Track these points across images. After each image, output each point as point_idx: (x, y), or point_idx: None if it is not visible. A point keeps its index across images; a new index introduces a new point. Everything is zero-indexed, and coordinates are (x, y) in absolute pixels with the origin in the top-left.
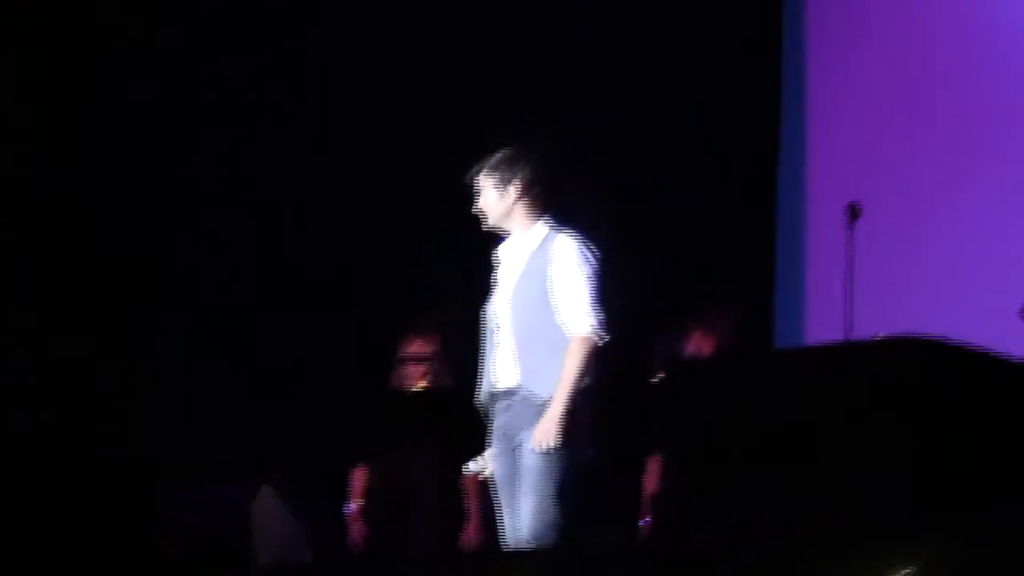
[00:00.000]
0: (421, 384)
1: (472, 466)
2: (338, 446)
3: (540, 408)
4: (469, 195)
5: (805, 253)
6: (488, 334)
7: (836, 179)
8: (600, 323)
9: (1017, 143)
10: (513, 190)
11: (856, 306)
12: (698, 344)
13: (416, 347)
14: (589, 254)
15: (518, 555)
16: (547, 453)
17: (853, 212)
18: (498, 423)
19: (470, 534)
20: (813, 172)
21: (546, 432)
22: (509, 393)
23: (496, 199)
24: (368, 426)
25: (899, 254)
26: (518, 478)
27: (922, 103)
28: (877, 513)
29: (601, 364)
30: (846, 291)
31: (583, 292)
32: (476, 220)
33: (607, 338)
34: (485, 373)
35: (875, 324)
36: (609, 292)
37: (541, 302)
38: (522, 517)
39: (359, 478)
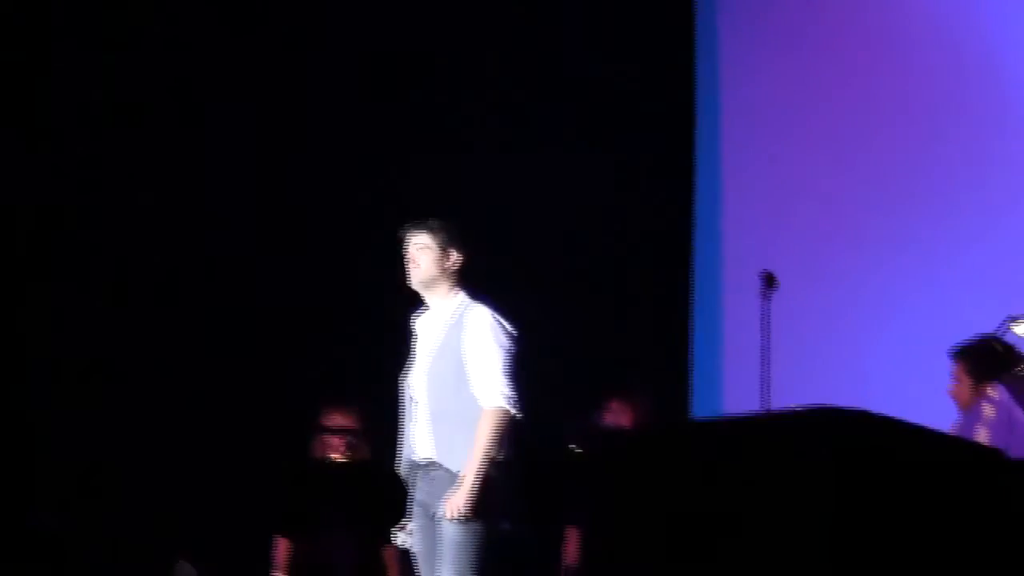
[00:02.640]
0: (339, 456)
1: (397, 539)
2: (257, 518)
3: (456, 480)
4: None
5: (723, 322)
6: (406, 405)
7: (752, 247)
8: (512, 395)
9: (934, 215)
10: (454, 255)
11: (773, 376)
12: (616, 416)
13: (335, 419)
14: (503, 327)
15: None
16: (464, 525)
17: (769, 281)
18: (418, 496)
19: None
20: (728, 241)
21: (456, 502)
22: (427, 466)
23: (432, 261)
24: (288, 497)
25: (816, 324)
26: (437, 551)
27: (840, 170)
28: None
29: (515, 436)
30: (762, 361)
31: (496, 364)
32: (389, 293)
33: (518, 411)
34: (404, 444)
35: (794, 394)
36: (523, 365)
37: (456, 375)
38: None
39: (282, 549)
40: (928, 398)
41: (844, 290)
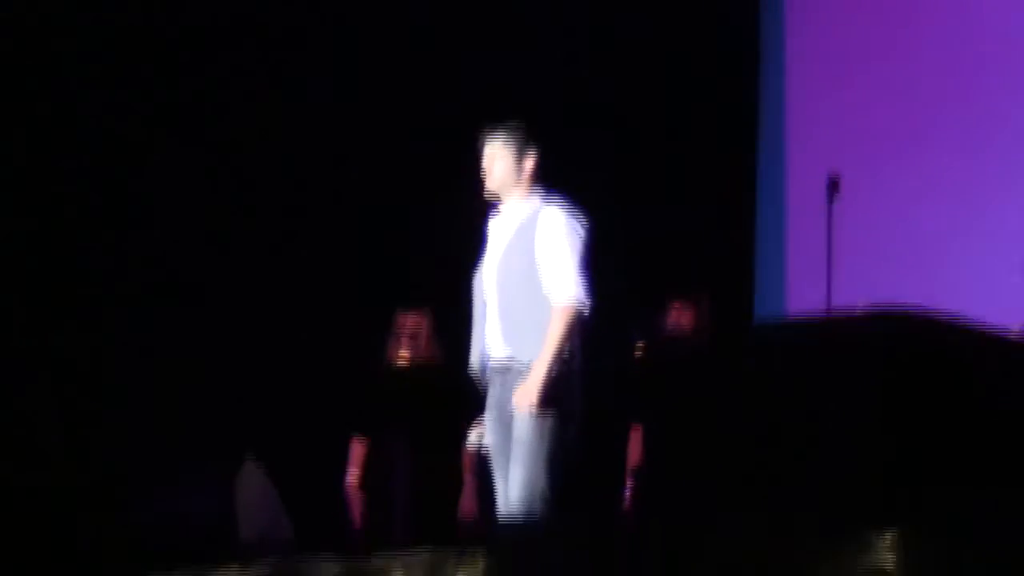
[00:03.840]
0: (403, 358)
1: (471, 438)
2: (326, 421)
3: (522, 376)
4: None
5: (786, 225)
6: (477, 304)
7: (816, 152)
8: (583, 294)
9: (999, 119)
10: (529, 160)
11: (836, 278)
12: (677, 318)
13: (408, 321)
14: (577, 226)
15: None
16: (535, 421)
17: (833, 185)
18: (491, 395)
19: (465, 506)
20: (793, 146)
21: (525, 394)
22: (501, 365)
23: (509, 167)
24: (361, 399)
25: (879, 227)
26: (511, 448)
27: (903, 74)
28: (856, 490)
29: (586, 335)
30: (827, 263)
31: (568, 263)
32: (462, 192)
33: (589, 307)
34: (475, 344)
35: (856, 296)
36: (591, 264)
37: (527, 274)
38: (512, 487)
39: (357, 449)
40: (996, 299)
41: (908, 193)
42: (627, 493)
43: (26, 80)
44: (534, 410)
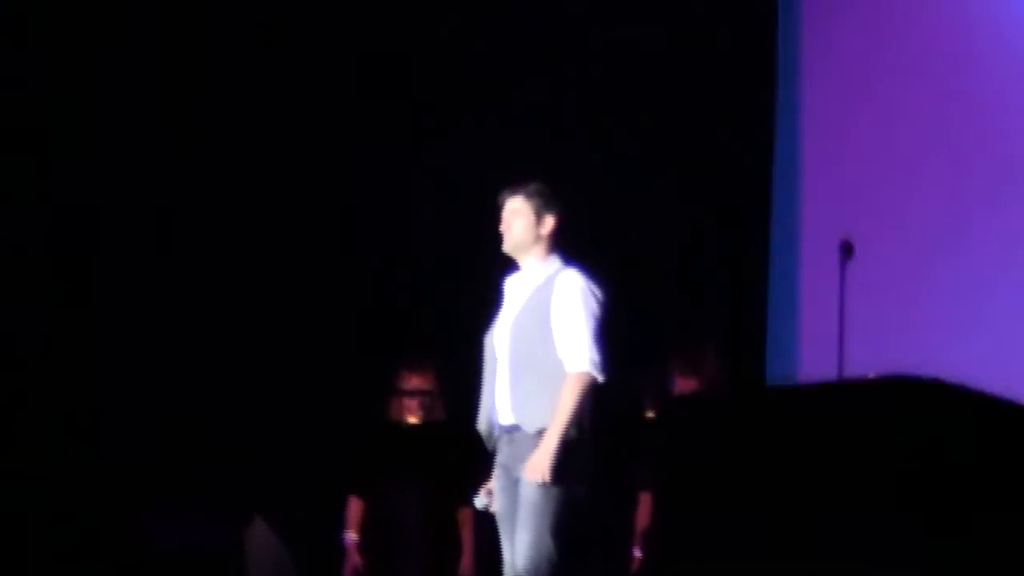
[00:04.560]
0: (415, 418)
1: (477, 501)
2: (332, 477)
3: (537, 441)
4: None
5: (799, 290)
6: (487, 364)
7: (830, 216)
8: (599, 361)
9: (1017, 175)
10: (549, 221)
11: (849, 344)
12: (685, 382)
13: (411, 381)
14: (594, 293)
15: None
16: (544, 488)
17: (847, 249)
18: (500, 457)
19: (464, 566)
20: (808, 208)
21: (537, 465)
22: (509, 427)
23: (529, 226)
24: (362, 458)
25: (893, 292)
26: (518, 513)
27: (919, 138)
28: (867, 555)
29: (598, 402)
30: (840, 329)
31: (584, 329)
32: (473, 252)
33: (604, 376)
34: (483, 404)
35: (869, 360)
36: (609, 331)
37: (540, 336)
38: (518, 551)
39: (355, 509)
40: (1010, 369)
41: (922, 259)
42: (636, 558)
43: None
44: (547, 480)
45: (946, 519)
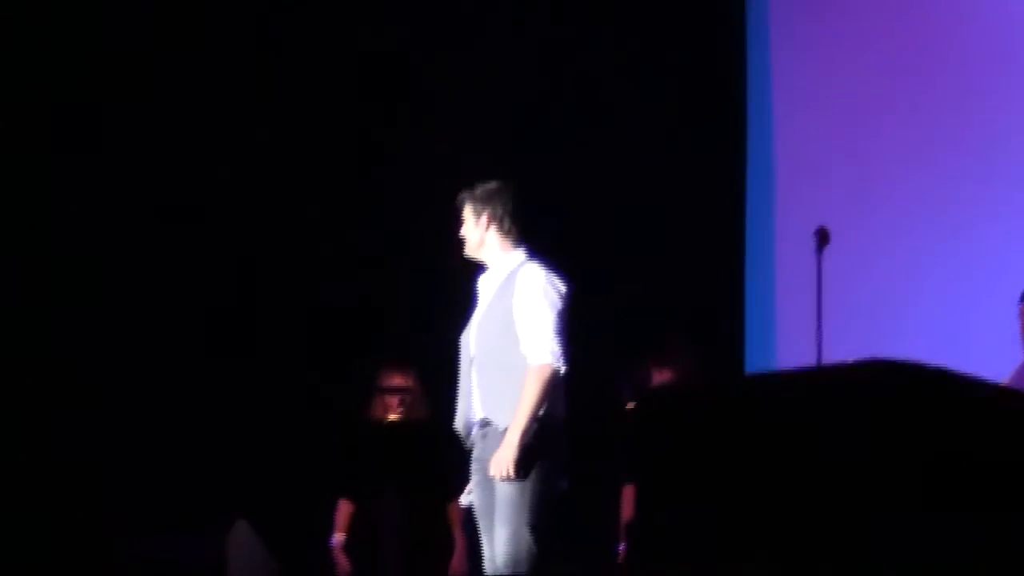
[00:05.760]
0: (396, 416)
1: (463, 498)
2: (315, 479)
3: (498, 439)
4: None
5: (775, 279)
6: (463, 363)
7: (805, 204)
8: (559, 352)
9: (988, 165)
10: (485, 219)
11: (827, 332)
12: (662, 373)
13: (393, 379)
14: (555, 285)
15: None
16: (517, 483)
17: (822, 237)
18: (475, 454)
19: (455, 564)
20: (782, 196)
21: (501, 460)
22: (482, 424)
23: (471, 228)
24: (347, 459)
25: (869, 279)
26: (495, 507)
27: (892, 125)
28: (850, 543)
29: (568, 393)
30: (817, 317)
31: (543, 321)
32: (451, 251)
33: (565, 368)
34: (460, 403)
35: (846, 348)
36: (577, 321)
37: (504, 332)
38: (497, 547)
39: (343, 511)
40: (985, 352)
41: (898, 244)
42: (620, 551)
43: None
44: (511, 475)
45: (930, 506)
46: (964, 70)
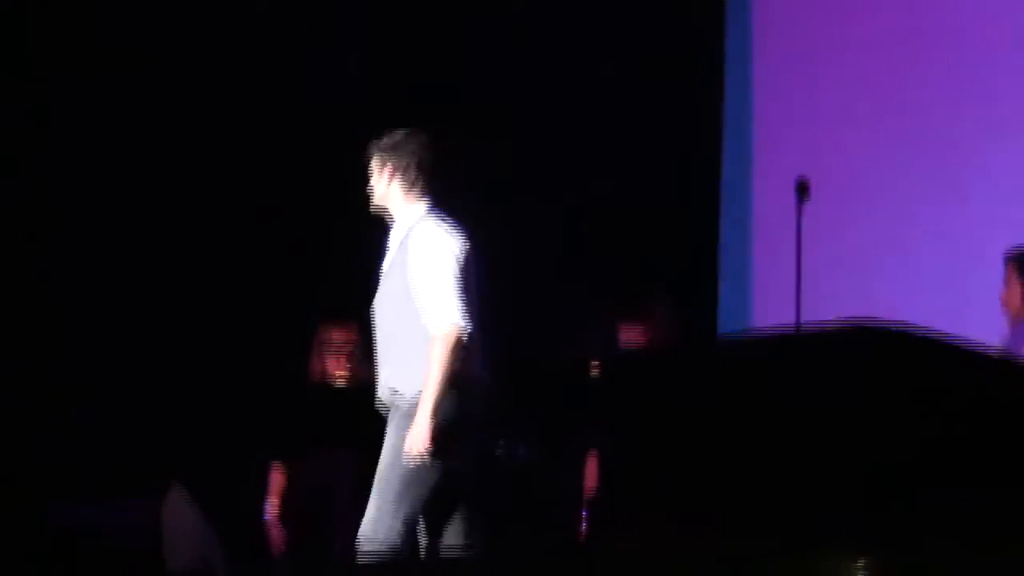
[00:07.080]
0: (341, 376)
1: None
2: (252, 443)
3: (401, 411)
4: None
5: (752, 233)
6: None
7: (783, 156)
8: (462, 314)
9: (969, 121)
10: (389, 170)
11: (806, 290)
12: (633, 333)
13: (335, 335)
14: (449, 244)
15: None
16: (396, 457)
17: (802, 189)
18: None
19: None
20: (760, 148)
21: (415, 441)
22: (392, 391)
23: (375, 179)
24: (286, 421)
25: (849, 233)
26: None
27: (871, 76)
28: (827, 513)
29: (480, 356)
30: (796, 274)
31: (441, 286)
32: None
33: (471, 328)
34: (379, 369)
35: (826, 306)
36: (548, 278)
37: (402, 297)
38: (364, 520)
39: (276, 477)
40: (970, 310)
41: (880, 199)
42: (583, 520)
43: None
44: (426, 455)
45: (905, 476)
46: (954, 14)
